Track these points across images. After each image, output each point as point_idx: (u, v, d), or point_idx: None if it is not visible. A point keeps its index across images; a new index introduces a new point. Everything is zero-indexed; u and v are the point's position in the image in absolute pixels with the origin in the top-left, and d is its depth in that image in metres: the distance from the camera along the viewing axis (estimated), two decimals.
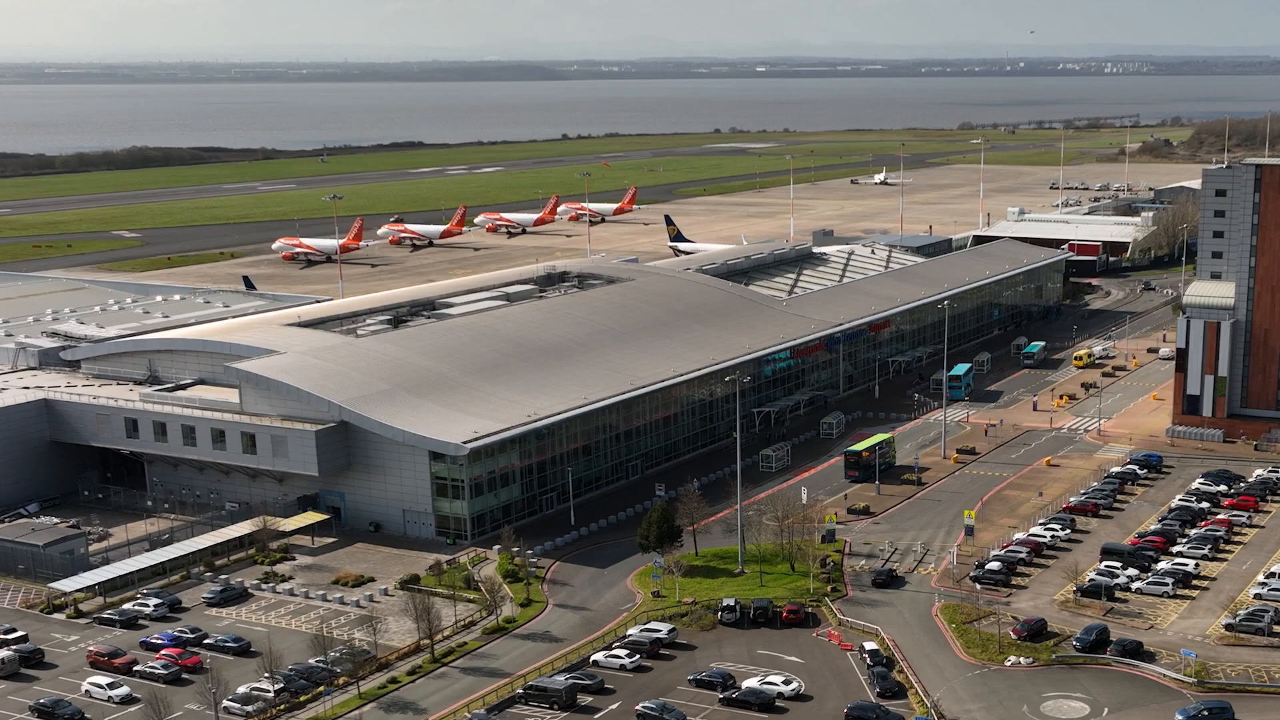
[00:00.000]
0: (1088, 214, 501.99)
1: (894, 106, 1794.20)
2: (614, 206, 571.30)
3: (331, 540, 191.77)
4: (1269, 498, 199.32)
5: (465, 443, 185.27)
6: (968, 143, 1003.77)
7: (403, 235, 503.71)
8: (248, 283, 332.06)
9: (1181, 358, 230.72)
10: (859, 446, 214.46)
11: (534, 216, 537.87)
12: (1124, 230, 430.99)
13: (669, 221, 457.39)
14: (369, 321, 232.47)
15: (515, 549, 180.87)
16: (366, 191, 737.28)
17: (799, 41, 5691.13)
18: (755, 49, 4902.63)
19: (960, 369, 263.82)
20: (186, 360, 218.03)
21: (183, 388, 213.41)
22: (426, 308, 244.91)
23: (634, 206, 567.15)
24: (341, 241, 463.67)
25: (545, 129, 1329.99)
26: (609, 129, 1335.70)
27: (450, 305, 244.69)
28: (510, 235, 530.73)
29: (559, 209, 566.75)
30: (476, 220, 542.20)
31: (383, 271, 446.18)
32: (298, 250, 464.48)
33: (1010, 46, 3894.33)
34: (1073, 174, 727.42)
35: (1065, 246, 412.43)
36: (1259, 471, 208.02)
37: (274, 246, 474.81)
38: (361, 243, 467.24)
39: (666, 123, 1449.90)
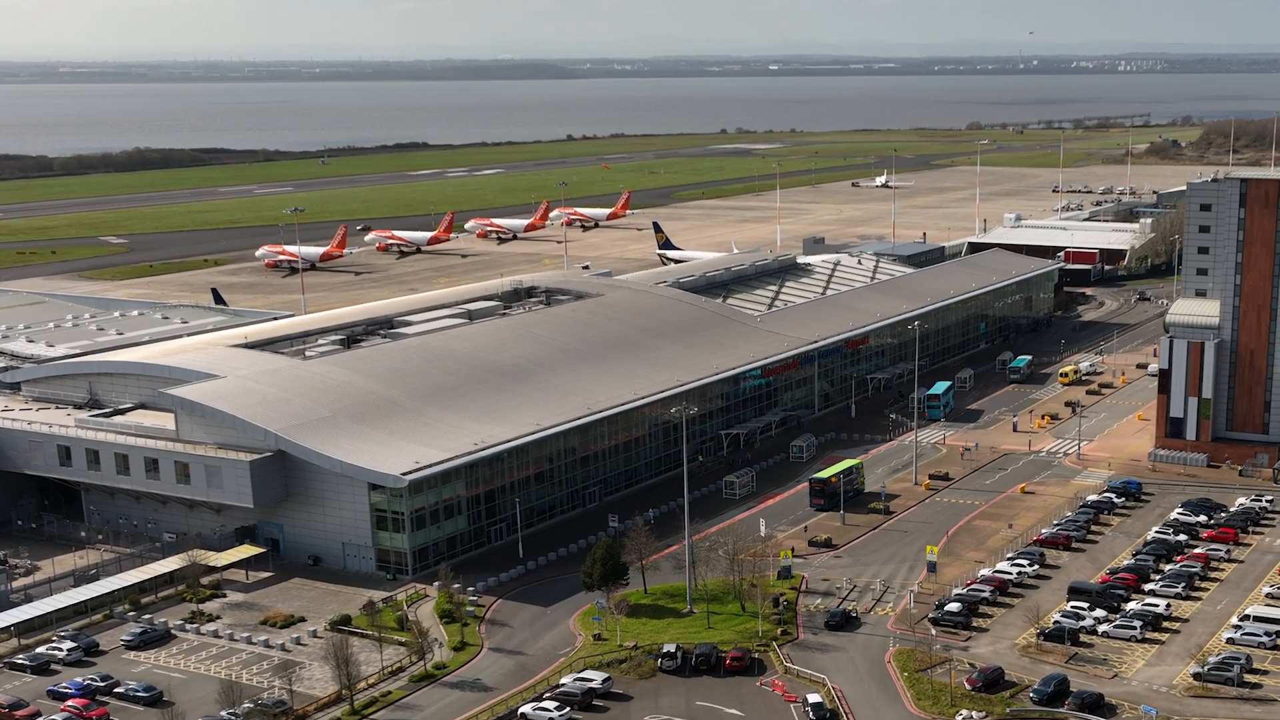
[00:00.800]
0: (1087, 219, 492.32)
1: (904, 106, 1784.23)
2: (607, 211, 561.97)
3: (267, 575, 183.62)
4: (1250, 529, 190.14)
5: (404, 474, 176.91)
6: (975, 143, 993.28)
7: (390, 242, 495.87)
8: (216, 296, 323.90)
9: (1165, 379, 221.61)
10: (824, 473, 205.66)
11: (525, 222, 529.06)
12: (1122, 237, 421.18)
13: (657, 229, 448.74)
14: (321, 341, 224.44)
15: (455, 586, 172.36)
16: (363, 195, 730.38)
17: (812, 40, 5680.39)
18: (768, 47, 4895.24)
19: (939, 387, 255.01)
20: (127, 384, 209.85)
21: (121, 412, 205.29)
22: (383, 326, 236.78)
23: (627, 211, 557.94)
24: (324, 250, 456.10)
25: (553, 129, 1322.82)
26: (618, 129, 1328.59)
27: (408, 324, 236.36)
28: (501, 241, 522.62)
29: (553, 213, 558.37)
30: (467, 226, 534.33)
31: (366, 280, 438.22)
32: (280, 258, 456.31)
33: (1023, 44, 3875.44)
34: (1076, 176, 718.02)
35: (1061, 254, 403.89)
36: (1241, 500, 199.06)
37: (257, 254, 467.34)
38: (345, 250, 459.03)
39: (675, 122, 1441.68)
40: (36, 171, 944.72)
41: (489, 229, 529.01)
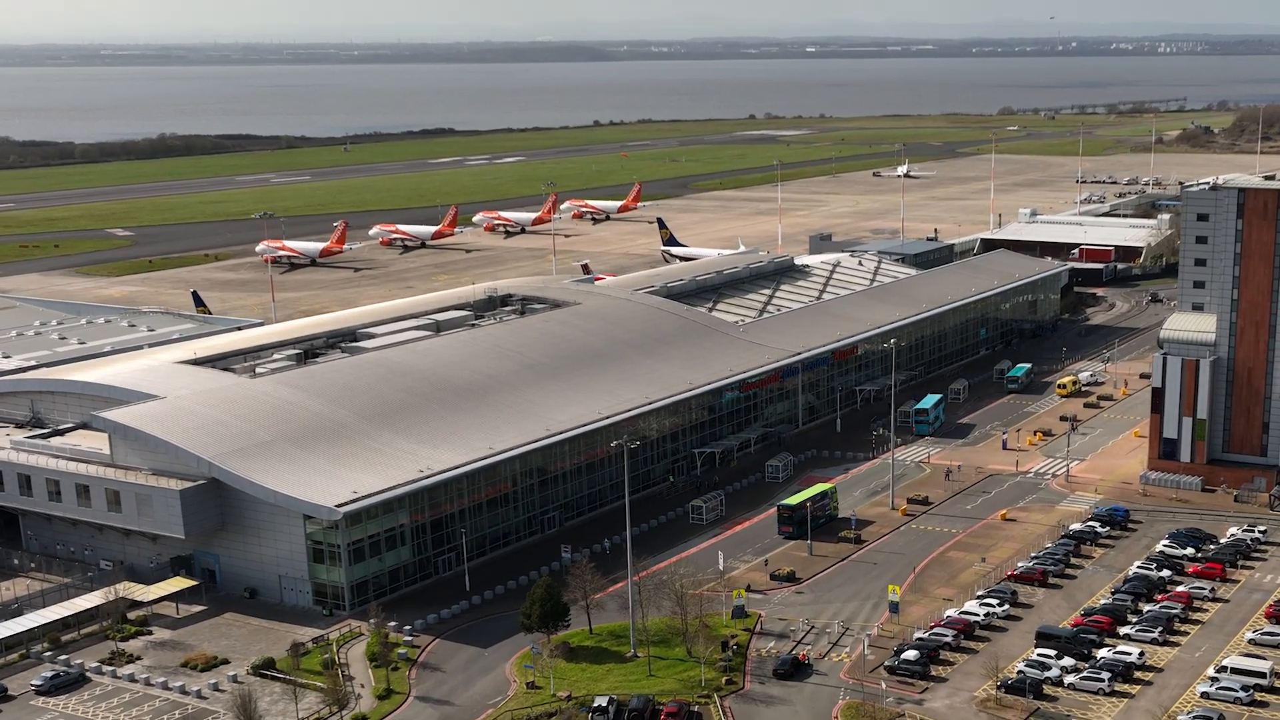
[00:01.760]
0: (1106, 213, 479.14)
1: (938, 89, 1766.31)
2: (618, 204, 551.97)
3: (200, 609, 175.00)
4: (1240, 563, 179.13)
5: (340, 505, 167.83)
6: (1004, 129, 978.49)
7: (394, 236, 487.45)
8: (196, 299, 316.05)
9: (1158, 398, 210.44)
10: (793, 499, 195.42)
11: (533, 215, 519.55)
12: (1139, 233, 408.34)
13: (661, 225, 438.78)
14: (276, 356, 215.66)
15: (391, 625, 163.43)
16: (378, 184, 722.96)
17: (852, 20, 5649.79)
18: (808, 28, 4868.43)
19: (928, 401, 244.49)
20: (68, 402, 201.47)
21: (61, 433, 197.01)
22: (345, 338, 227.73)
23: (639, 204, 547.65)
24: (324, 245, 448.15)
25: (582, 114, 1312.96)
26: (647, 114, 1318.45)
27: (371, 336, 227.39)
28: (508, 235, 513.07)
29: (563, 206, 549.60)
30: (475, 219, 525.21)
31: (364, 277, 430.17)
32: (280, 253, 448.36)
33: (1062, 25, 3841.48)
34: (1103, 165, 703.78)
35: (1075, 252, 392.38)
36: (1233, 530, 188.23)
37: (257, 249, 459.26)
38: (345, 245, 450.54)
39: (705, 107, 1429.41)
40: (58, 159, 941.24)
41: (496, 222, 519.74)
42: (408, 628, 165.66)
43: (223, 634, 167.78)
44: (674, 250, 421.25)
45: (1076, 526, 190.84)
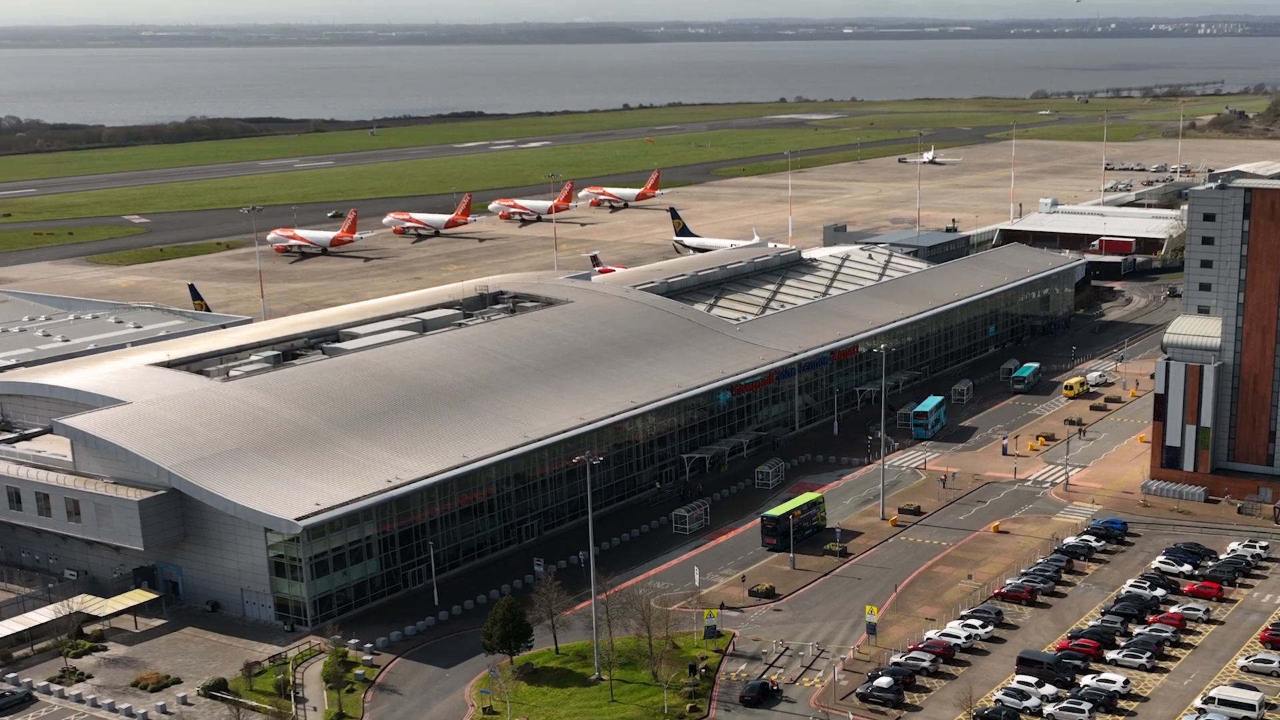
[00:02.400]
0: (1130, 203, 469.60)
1: (972, 72, 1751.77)
2: (636, 192, 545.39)
3: (160, 623, 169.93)
4: (1238, 581, 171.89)
5: (300, 519, 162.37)
6: (1036, 114, 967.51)
7: (407, 225, 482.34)
8: (194, 292, 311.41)
9: (1160, 405, 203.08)
10: (777, 510, 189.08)
11: (549, 203, 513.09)
12: (1161, 225, 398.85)
13: (674, 215, 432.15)
14: (253, 358, 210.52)
15: (353, 642, 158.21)
16: (399, 170, 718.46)
17: (890, 1, 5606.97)
18: (846, 9, 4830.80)
19: (929, 403, 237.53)
20: (37, 405, 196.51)
21: (27, 438, 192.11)
22: (328, 338, 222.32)
23: (657, 192, 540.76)
24: (335, 235, 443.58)
25: (615, 96, 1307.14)
26: (678, 96, 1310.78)
27: (354, 336, 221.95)
28: (524, 223, 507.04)
29: (581, 193, 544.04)
30: (490, 207, 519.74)
31: (374, 267, 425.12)
32: (291, 243, 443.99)
33: (1102, 6, 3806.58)
34: (1133, 152, 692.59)
35: (1095, 243, 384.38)
36: (1234, 545, 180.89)
37: (269, 238, 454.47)
38: (356, 235, 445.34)
39: (737, 90, 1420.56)
40: (85, 143, 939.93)
41: (512, 210, 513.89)
42: (368, 646, 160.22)
43: (180, 650, 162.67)
44: (687, 241, 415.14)
45: (1071, 540, 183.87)
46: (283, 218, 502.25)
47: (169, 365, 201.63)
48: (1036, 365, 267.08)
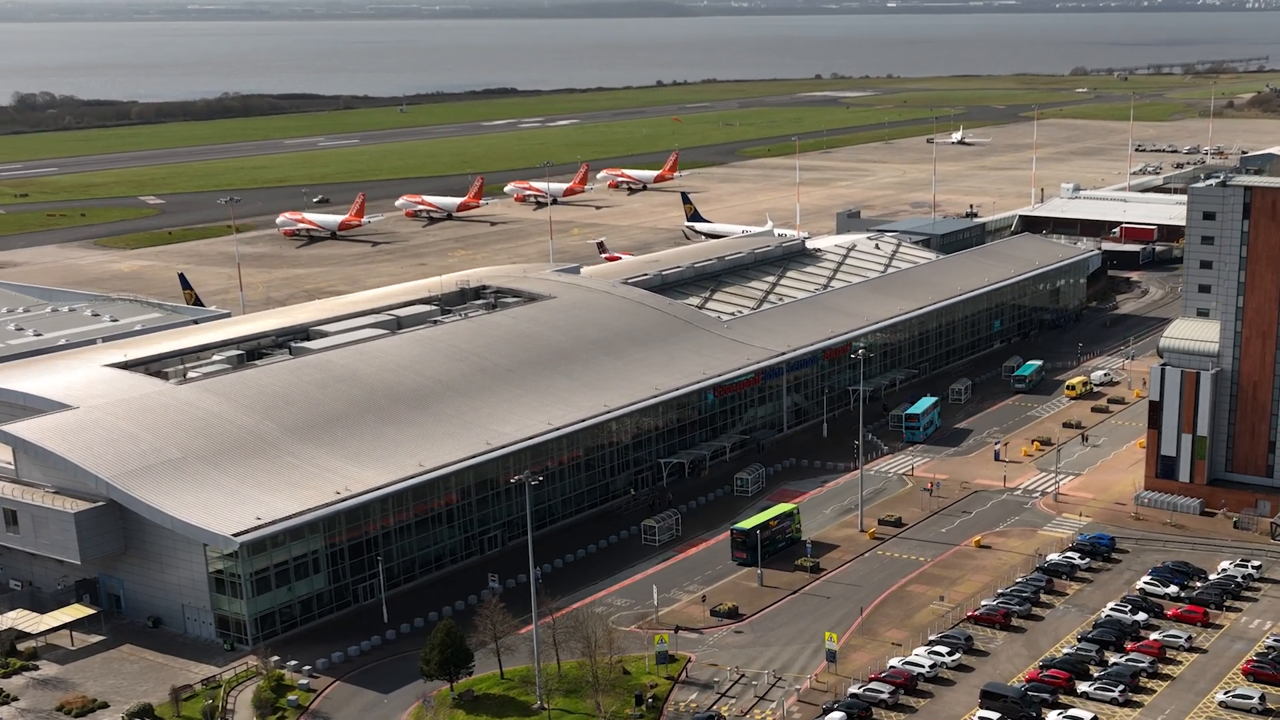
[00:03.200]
0: (1156, 188, 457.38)
1: (1014, 47, 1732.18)
2: (654, 174, 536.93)
3: (98, 639, 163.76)
4: (1226, 604, 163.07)
5: (238, 534, 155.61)
6: (1073, 92, 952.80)
7: (419, 208, 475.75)
8: (183, 281, 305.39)
9: (1155, 412, 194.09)
10: (748, 522, 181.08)
11: (564, 186, 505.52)
12: (1185, 211, 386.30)
13: (685, 199, 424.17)
14: (216, 357, 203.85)
15: (291, 665, 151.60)
16: (422, 149, 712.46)
17: None
18: None
19: (922, 405, 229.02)
20: None
21: None
22: (297, 336, 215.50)
23: (675, 174, 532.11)
24: (342, 219, 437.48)
25: (650, 71, 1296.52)
26: (713, 73, 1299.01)
27: (324, 334, 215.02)
28: (539, 206, 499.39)
29: (599, 175, 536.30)
30: (506, 189, 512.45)
31: (382, 251, 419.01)
32: (299, 226, 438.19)
33: None
34: (1166, 132, 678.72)
35: (1116, 230, 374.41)
36: (1225, 565, 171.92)
37: (278, 221, 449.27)
38: (364, 219, 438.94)
39: (774, 66, 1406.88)
40: (115, 120, 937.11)
41: (527, 192, 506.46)
42: (307, 668, 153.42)
43: (113, 670, 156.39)
44: (698, 226, 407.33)
45: (1054, 557, 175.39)
46: (295, 200, 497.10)
47: (125, 366, 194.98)
48: (1040, 363, 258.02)
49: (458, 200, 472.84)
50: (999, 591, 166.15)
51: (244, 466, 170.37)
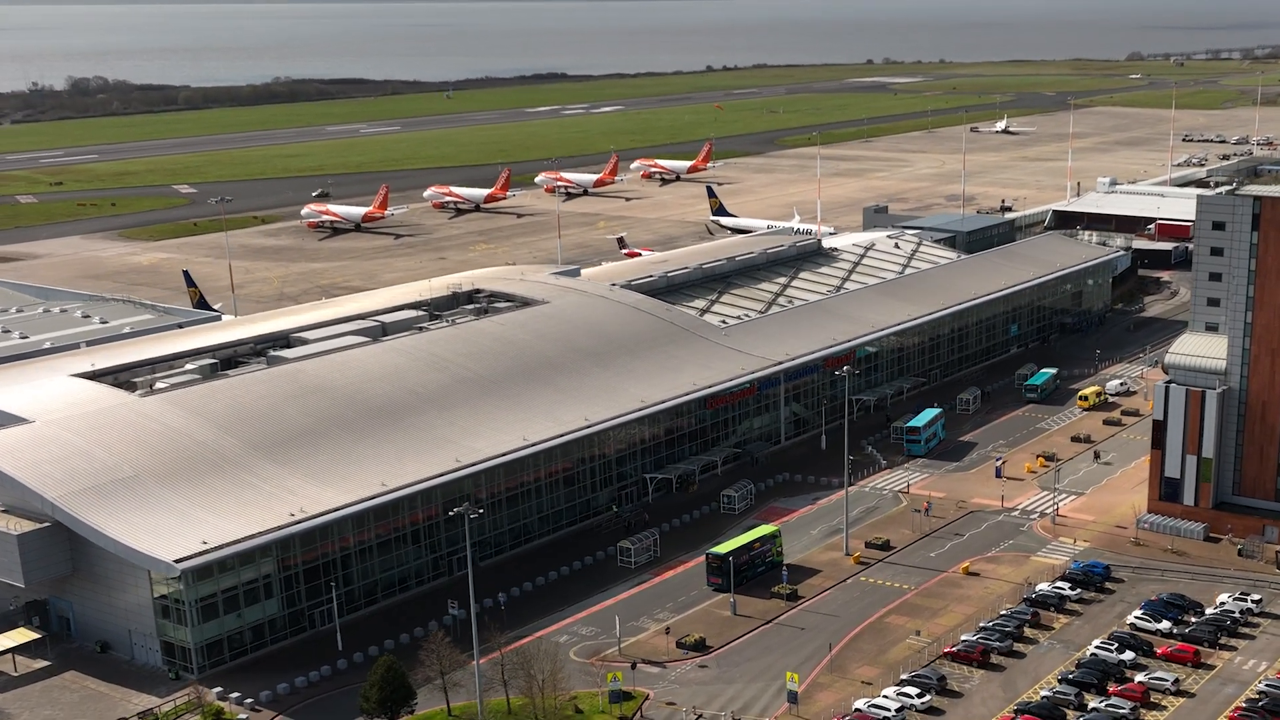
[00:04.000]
0: (1197, 181, 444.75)
1: (1071, 30, 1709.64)
2: (688, 164, 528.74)
3: (43, 665, 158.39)
4: (1220, 643, 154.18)
5: (180, 560, 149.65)
6: (1127, 78, 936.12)
7: (446, 199, 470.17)
8: (188, 279, 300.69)
9: (1159, 432, 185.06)
10: (724, 547, 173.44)
11: (594, 176, 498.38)
12: None
13: (710, 193, 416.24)
14: (188, 366, 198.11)
15: (234, 697, 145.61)
16: (461, 137, 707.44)
17: None
18: None
19: (925, 417, 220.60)
20: None
21: None
22: (277, 343, 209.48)
23: (709, 164, 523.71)
24: (366, 210, 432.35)
25: (704, 56, 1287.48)
26: (765, 57, 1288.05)
27: (304, 341, 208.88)
28: (569, 197, 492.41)
29: (633, 165, 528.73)
30: (537, 179, 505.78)
31: (404, 244, 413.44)
32: (323, 218, 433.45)
33: None
34: (1217, 121, 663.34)
35: (1151, 227, 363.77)
36: (1223, 598, 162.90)
37: (302, 213, 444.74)
38: (388, 211, 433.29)
39: (827, 50, 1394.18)
40: (162, 105, 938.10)
41: (557, 183, 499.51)
42: (249, 700, 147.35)
43: (52, 700, 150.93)
44: (723, 221, 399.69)
45: (1043, 588, 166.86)
46: (300, 191, 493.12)
47: (92, 377, 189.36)
48: (1054, 371, 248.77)
49: (484, 192, 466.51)
50: (980, 625, 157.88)
51: (198, 486, 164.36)
